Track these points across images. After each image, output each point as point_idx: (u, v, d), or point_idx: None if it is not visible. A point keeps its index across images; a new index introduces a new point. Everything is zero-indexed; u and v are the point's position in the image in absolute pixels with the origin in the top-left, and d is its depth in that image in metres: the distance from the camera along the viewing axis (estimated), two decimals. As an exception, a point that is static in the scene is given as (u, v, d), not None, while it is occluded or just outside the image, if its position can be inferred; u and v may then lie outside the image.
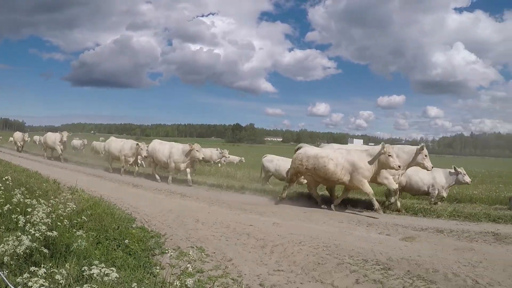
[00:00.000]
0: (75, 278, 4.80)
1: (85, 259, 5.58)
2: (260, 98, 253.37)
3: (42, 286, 3.79)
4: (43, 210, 6.44)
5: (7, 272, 4.64)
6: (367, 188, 12.70)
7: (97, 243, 6.73)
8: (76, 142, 38.94)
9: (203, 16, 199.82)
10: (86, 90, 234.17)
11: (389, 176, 12.98)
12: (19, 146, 36.24)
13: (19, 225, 6.00)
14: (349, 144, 17.48)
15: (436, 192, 14.43)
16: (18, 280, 4.02)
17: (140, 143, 22.20)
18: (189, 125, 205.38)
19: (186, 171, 18.96)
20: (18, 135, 37.00)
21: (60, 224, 6.44)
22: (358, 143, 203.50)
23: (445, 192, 14.55)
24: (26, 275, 4.03)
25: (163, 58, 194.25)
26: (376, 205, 12.51)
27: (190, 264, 6.29)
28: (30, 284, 3.79)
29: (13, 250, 4.92)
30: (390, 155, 12.33)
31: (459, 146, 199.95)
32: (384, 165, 12.52)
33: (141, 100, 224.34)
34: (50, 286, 4.00)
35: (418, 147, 13.06)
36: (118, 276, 4.40)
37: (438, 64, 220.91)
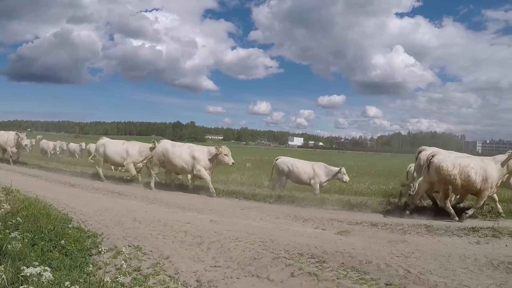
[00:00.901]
0: (10, 280, 4.74)
1: (20, 260, 5.48)
2: (202, 96, 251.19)
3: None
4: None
5: None
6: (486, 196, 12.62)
7: (32, 245, 6.57)
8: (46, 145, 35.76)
9: (146, 11, 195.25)
10: (23, 85, 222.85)
11: None
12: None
13: None
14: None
15: None
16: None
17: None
18: (129, 122, 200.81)
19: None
20: None
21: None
22: (298, 141, 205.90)
23: None
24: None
25: (104, 53, 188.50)
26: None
27: (126, 263, 6.28)
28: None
29: None
30: None
31: (397, 144, 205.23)
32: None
33: (80, 97, 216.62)
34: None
35: None
36: (52, 276, 4.38)
37: (378, 65, 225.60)
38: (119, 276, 5.51)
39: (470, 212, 12.29)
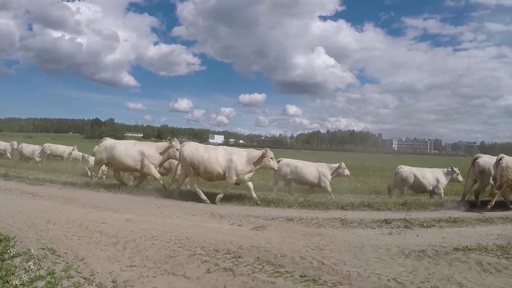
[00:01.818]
0: None
1: None
2: (122, 92, 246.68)
3: None
4: None
5: None
6: None
7: None
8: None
9: (68, 1, 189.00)
10: None
11: None
12: None
13: None
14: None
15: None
16: None
17: None
18: (45, 119, 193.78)
19: (249, 185, 14.85)
20: None
21: None
22: (218, 139, 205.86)
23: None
24: None
25: (21, 43, 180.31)
26: None
27: (39, 266, 6.19)
28: None
29: None
30: None
31: (316, 142, 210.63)
32: None
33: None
34: None
35: None
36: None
37: (299, 66, 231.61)
38: (30, 280, 5.43)
39: None
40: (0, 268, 5.99)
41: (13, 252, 6.49)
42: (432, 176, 17.88)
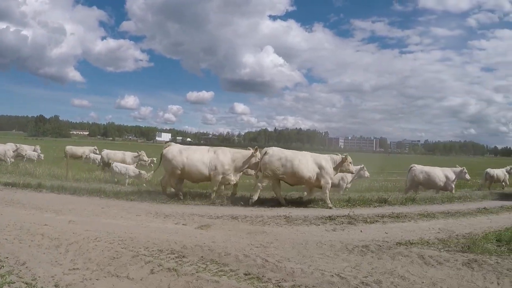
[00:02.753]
0: None
1: None
2: (67, 88, 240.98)
3: None
4: None
5: None
6: None
7: None
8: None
9: None
10: None
11: None
12: None
13: None
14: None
15: None
16: None
17: None
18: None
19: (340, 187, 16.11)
20: None
21: None
22: (166, 137, 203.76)
23: None
24: None
25: None
26: None
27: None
28: None
29: None
30: None
31: (263, 140, 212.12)
32: None
33: None
34: None
35: None
36: None
37: (247, 64, 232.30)
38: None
39: None
40: None
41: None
42: (442, 174, 19.59)
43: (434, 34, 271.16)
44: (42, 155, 29.23)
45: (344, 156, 15.36)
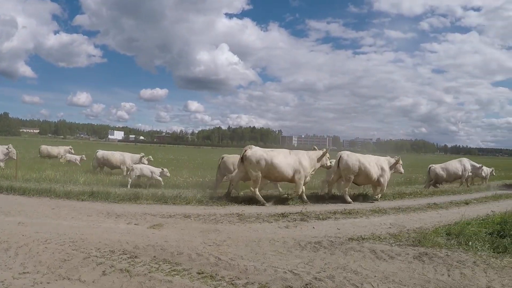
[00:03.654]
0: None
1: None
2: (18, 83, 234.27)
3: None
4: None
5: None
6: None
7: None
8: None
9: None
10: None
11: None
12: None
13: None
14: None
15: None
16: None
17: None
18: None
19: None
20: None
21: None
22: (118, 135, 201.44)
23: None
24: None
25: None
26: None
27: None
28: None
29: None
30: None
31: (217, 138, 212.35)
32: None
33: None
34: None
35: None
36: None
37: (202, 62, 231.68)
38: None
39: None
40: None
41: None
42: (460, 166, 23.98)
43: (387, 36, 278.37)
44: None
45: (397, 158, 17.68)
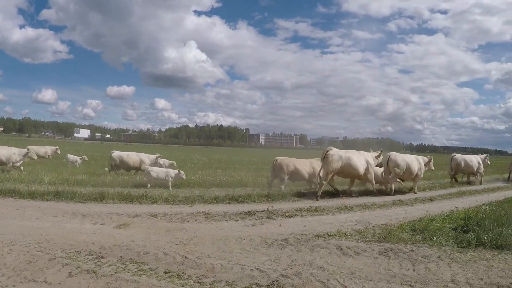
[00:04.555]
0: None
1: None
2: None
3: None
4: None
5: None
6: None
7: None
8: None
9: None
10: None
11: None
12: None
13: None
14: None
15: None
16: None
17: None
18: None
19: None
20: None
21: None
22: (84, 133, 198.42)
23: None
24: None
25: None
26: None
27: None
28: None
29: None
30: None
31: (184, 136, 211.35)
32: None
33: None
34: None
35: None
36: None
37: (169, 59, 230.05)
38: None
39: None
40: None
41: None
42: (476, 161, 26.30)
43: (355, 37, 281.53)
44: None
45: (430, 157, 21.25)
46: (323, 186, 17.22)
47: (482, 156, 27.58)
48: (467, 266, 7.62)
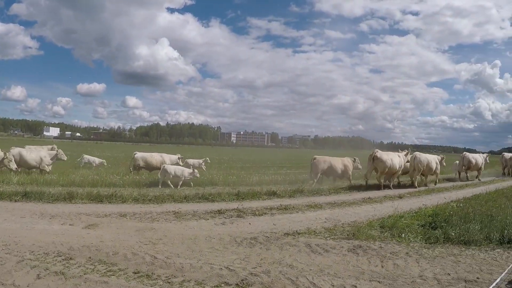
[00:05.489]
0: None
1: None
2: None
3: None
4: None
5: None
6: None
7: None
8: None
9: None
10: None
11: None
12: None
13: None
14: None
15: None
16: None
17: None
18: None
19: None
20: None
21: None
22: (54, 132, 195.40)
23: None
24: None
25: None
26: None
27: None
28: None
29: None
30: None
31: (155, 134, 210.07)
32: None
33: None
34: None
35: None
36: None
37: (141, 56, 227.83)
38: None
39: None
40: None
41: None
42: (481, 159, 29.49)
43: (327, 36, 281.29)
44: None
45: (443, 156, 24.79)
46: (382, 181, 21.29)
47: (484, 155, 31.25)
48: (435, 261, 7.80)
